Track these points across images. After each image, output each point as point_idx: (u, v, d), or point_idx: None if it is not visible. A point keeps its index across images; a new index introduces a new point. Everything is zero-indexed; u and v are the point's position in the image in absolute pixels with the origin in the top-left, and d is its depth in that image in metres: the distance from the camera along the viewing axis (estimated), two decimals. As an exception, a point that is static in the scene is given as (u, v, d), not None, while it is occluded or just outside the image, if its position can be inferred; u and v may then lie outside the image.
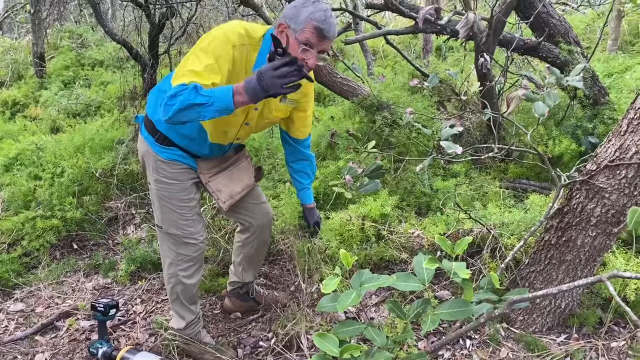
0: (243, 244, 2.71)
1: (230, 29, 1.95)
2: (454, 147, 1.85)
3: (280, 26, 1.94)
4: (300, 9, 1.90)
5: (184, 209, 2.30)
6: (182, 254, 2.36)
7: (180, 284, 2.40)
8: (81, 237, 3.70)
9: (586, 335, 2.50)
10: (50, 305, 3.09)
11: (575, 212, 2.12)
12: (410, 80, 2.39)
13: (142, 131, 2.30)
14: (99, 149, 4.14)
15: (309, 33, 1.89)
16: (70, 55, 7.16)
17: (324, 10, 1.90)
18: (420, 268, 1.67)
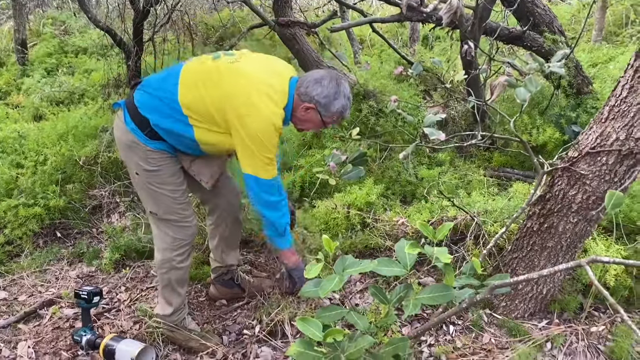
0: (216, 225, 2.75)
1: (273, 117, 2.11)
2: (437, 133, 1.86)
3: (307, 105, 2.18)
4: (332, 101, 2.17)
5: (176, 192, 2.34)
6: (178, 239, 2.39)
7: (175, 269, 2.43)
8: (65, 226, 3.66)
9: (567, 321, 2.54)
10: (33, 294, 3.06)
11: (557, 199, 2.15)
12: (395, 69, 2.40)
13: (127, 122, 2.26)
14: (83, 137, 4.09)
15: (335, 119, 2.24)
16: (53, 42, 7.04)
17: (348, 99, 2.22)
18: (403, 253, 1.69)
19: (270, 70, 2.22)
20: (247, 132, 2.09)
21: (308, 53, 4.03)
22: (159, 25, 5.73)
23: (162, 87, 2.23)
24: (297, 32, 3.94)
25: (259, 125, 2.08)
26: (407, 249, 1.60)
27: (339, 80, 2.21)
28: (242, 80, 2.13)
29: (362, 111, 4.03)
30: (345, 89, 2.21)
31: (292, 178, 3.53)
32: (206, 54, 2.33)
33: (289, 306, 2.79)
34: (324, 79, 2.17)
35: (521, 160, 3.85)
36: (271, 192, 2.20)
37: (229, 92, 2.11)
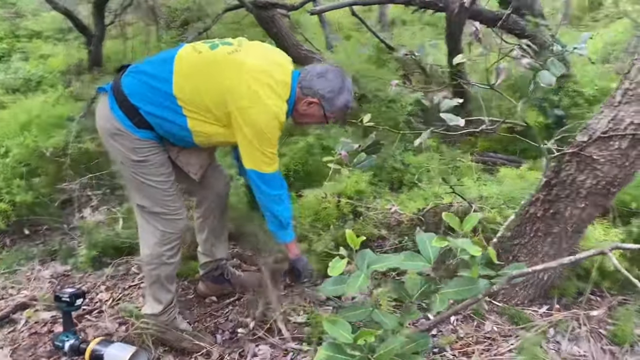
0: (204, 217, 2.63)
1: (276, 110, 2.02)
2: (455, 119, 1.78)
3: (310, 99, 2.11)
4: (336, 96, 2.11)
5: (166, 183, 2.21)
6: (168, 232, 2.26)
7: (164, 265, 2.30)
8: (33, 222, 3.43)
9: (566, 306, 2.53)
10: (4, 297, 2.85)
11: (565, 185, 2.11)
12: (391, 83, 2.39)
13: (113, 108, 2.09)
14: (47, 127, 3.82)
15: (338, 114, 2.19)
16: (3, 25, 6.60)
17: (350, 93, 2.18)
18: (425, 247, 1.60)
19: (271, 61, 2.11)
20: (249, 126, 2.00)
21: (287, 36, 3.90)
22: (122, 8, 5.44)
23: (155, 74, 2.09)
24: (275, 14, 3.79)
25: (262, 119, 2.00)
26: (434, 242, 1.52)
27: (343, 74, 2.16)
28: (244, 73, 2.01)
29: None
30: (348, 84, 2.17)
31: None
32: (202, 42, 2.19)
33: (283, 300, 2.70)
34: (328, 73, 2.11)
35: (504, 145, 3.84)
36: (274, 185, 2.14)
37: (230, 85, 2.00)
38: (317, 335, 2.38)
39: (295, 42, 3.92)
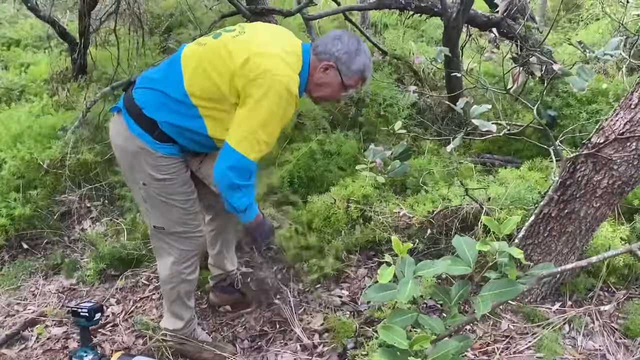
0: (218, 231, 2.59)
1: (288, 80, 1.91)
2: (487, 125, 1.82)
3: (326, 64, 2.00)
4: (353, 58, 2.00)
5: (188, 202, 2.16)
6: (187, 251, 2.22)
7: (184, 282, 2.27)
8: (32, 236, 3.35)
9: (578, 302, 2.61)
10: (10, 314, 2.78)
11: (580, 185, 2.18)
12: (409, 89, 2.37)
13: (131, 127, 2.03)
14: (41, 138, 3.75)
15: (355, 81, 2.07)
16: (-21, 34, 6.44)
17: (369, 58, 2.06)
18: (463, 250, 1.63)
19: (278, 34, 2.07)
20: (256, 98, 1.87)
21: (283, 43, 3.89)
22: (106, 15, 5.35)
23: (165, 78, 2.04)
24: (271, 20, 3.79)
25: (270, 89, 1.86)
26: (479, 246, 1.55)
27: (359, 38, 2.07)
28: (252, 47, 1.92)
29: (340, 101, 3.95)
30: (365, 48, 2.06)
31: (279, 173, 3.40)
32: (204, 36, 2.16)
33: (299, 306, 2.71)
34: (343, 36, 2.03)
35: (499, 146, 3.92)
36: (244, 175, 1.98)
37: (239, 62, 1.90)
38: (339, 340, 2.40)
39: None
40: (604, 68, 4.80)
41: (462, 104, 1.91)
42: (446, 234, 2.83)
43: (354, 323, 2.48)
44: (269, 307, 2.70)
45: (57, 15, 5.75)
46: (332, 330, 2.49)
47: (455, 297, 1.67)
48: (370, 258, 3.02)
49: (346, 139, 3.69)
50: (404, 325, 1.52)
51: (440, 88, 4.41)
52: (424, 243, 2.83)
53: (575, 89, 1.74)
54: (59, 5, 5.47)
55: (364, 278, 2.86)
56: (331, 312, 2.63)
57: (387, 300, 1.49)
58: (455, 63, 3.44)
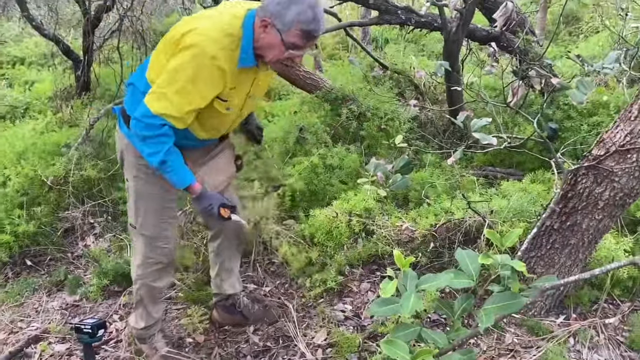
0: (216, 253, 2.59)
1: (211, 43, 1.83)
2: (488, 138, 1.83)
3: (263, 22, 1.83)
4: (286, 8, 1.78)
5: (164, 209, 2.20)
6: (149, 257, 2.26)
7: (146, 287, 2.32)
8: (35, 252, 3.36)
9: (582, 315, 2.60)
10: (14, 331, 2.78)
11: (582, 197, 2.18)
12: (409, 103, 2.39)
13: (121, 127, 2.15)
14: (44, 155, 3.77)
15: (297, 37, 1.81)
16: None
17: (312, 7, 1.79)
18: (466, 264, 1.63)
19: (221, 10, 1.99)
20: (172, 57, 1.86)
21: (285, 58, 3.92)
22: (109, 32, 5.41)
23: (138, 73, 2.11)
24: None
25: (187, 48, 1.82)
26: (481, 259, 1.55)
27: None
28: (194, 20, 1.92)
29: (342, 115, 3.97)
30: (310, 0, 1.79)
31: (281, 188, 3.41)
32: None
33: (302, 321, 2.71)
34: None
35: (501, 159, 3.93)
36: (149, 129, 1.90)
37: (178, 36, 1.89)
38: (342, 355, 2.39)
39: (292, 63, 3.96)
40: (605, 80, 4.81)
41: (462, 117, 1.93)
42: (449, 247, 2.83)
43: (358, 338, 2.47)
44: (272, 324, 2.69)
45: (61, 33, 5.81)
46: (335, 345, 2.48)
47: (458, 311, 1.66)
48: (373, 272, 3.02)
49: (348, 153, 3.71)
50: (407, 339, 1.52)
51: (442, 102, 4.44)
52: (427, 256, 2.83)
53: (575, 102, 1.76)
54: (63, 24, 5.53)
55: (367, 292, 2.86)
56: (334, 326, 2.62)
57: (390, 315, 1.48)
58: (456, 77, 3.46)
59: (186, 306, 2.81)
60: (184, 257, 3.02)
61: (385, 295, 1.48)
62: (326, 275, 2.84)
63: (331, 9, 4.35)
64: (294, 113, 4.24)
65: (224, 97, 1.99)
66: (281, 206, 3.37)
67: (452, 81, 3.44)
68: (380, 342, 1.43)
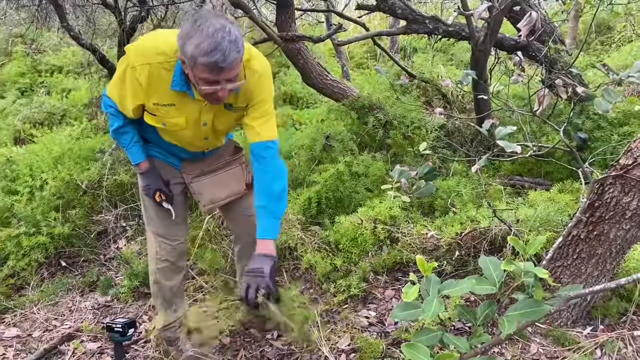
0: (238, 257, 2.63)
1: (138, 55, 1.85)
2: (512, 146, 1.84)
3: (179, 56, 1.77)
4: (185, 41, 1.65)
5: (161, 209, 2.25)
6: (159, 253, 2.33)
7: (157, 284, 2.38)
8: (69, 254, 3.48)
9: (610, 326, 2.56)
10: (48, 329, 2.88)
11: (609, 206, 2.17)
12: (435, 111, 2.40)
13: None
14: (80, 160, 3.91)
15: (203, 71, 1.68)
16: (25, 61, 6.76)
17: (210, 36, 1.62)
18: (489, 271, 1.65)
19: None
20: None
21: (312, 67, 3.99)
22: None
23: None
24: (302, 46, 3.90)
25: (123, 58, 1.92)
26: (503, 266, 1.57)
27: (206, 18, 1.65)
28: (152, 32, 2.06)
29: (368, 124, 4.01)
30: (209, 27, 1.62)
31: (307, 194, 3.45)
32: None
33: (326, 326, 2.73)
34: (190, 18, 1.70)
35: (529, 168, 3.90)
36: (104, 107, 2.07)
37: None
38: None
39: (321, 72, 4.02)
40: (638, 90, 4.74)
41: (487, 125, 1.94)
42: (474, 255, 2.83)
43: (381, 344, 2.49)
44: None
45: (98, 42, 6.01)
46: (359, 350, 2.50)
47: (481, 317, 1.68)
48: (397, 279, 3.03)
49: (374, 160, 3.74)
50: (428, 343, 1.54)
51: (469, 110, 4.44)
52: (452, 265, 2.83)
53: (600, 110, 1.75)
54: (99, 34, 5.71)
55: (391, 299, 2.87)
56: (358, 332, 2.65)
57: (412, 318, 1.51)
58: (483, 86, 3.46)
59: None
60: (211, 260, 3.09)
61: (408, 299, 1.50)
62: (350, 281, 2.87)
63: (359, 19, 4.40)
64: (321, 121, 4.30)
65: (151, 111, 1.97)
66: (307, 212, 3.42)
67: (480, 90, 3.45)
68: (402, 346, 1.45)
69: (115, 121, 2.08)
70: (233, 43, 1.64)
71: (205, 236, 3.26)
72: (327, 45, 7.87)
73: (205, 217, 3.25)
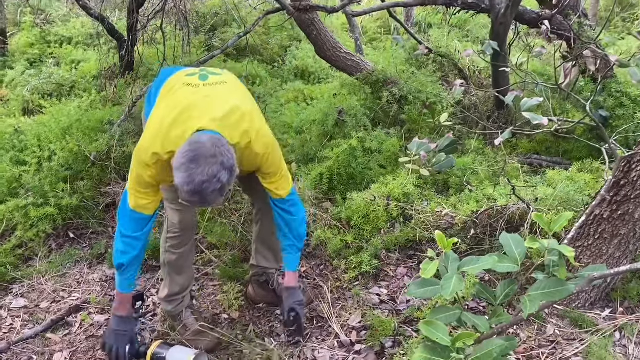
0: (255, 221, 2.65)
1: (145, 151, 1.98)
2: (539, 118, 1.75)
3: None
4: (176, 170, 1.80)
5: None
6: (171, 221, 2.34)
7: (168, 253, 2.40)
8: (77, 225, 3.44)
9: (629, 309, 2.48)
10: (56, 300, 2.85)
11: (636, 185, 2.08)
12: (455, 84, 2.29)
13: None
14: (88, 131, 3.84)
15: (186, 199, 1.83)
16: (34, 32, 6.66)
17: (196, 185, 1.75)
18: (511, 248, 1.57)
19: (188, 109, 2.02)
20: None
21: (326, 39, 3.88)
22: (153, 13, 5.46)
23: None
24: (315, 17, 3.78)
25: (134, 155, 2.05)
26: (528, 243, 1.49)
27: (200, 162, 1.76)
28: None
29: (383, 99, 3.91)
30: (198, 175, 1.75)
31: (319, 170, 3.38)
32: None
33: (337, 303, 2.68)
34: (192, 144, 1.82)
35: (547, 147, 3.80)
36: (123, 222, 2.14)
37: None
38: (377, 338, 2.36)
39: (335, 44, 3.91)
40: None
41: (511, 97, 1.85)
42: (490, 234, 2.75)
43: (393, 322, 2.43)
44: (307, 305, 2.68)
45: (107, 13, 5.91)
46: (370, 328, 2.45)
47: (501, 296, 1.61)
48: (410, 257, 2.97)
49: (387, 136, 3.65)
50: (447, 321, 1.48)
51: (486, 86, 4.32)
52: (467, 243, 2.76)
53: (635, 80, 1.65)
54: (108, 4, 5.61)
55: (404, 277, 2.81)
56: (369, 309, 2.59)
57: (430, 296, 1.44)
58: (503, 58, 3.34)
59: (222, 283, 2.82)
60: (221, 234, 3.04)
61: (426, 276, 1.43)
62: (362, 258, 2.81)
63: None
64: (333, 96, 4.19)
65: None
66: (318, 188, 3.35)
67: (499, 63, 3.32)
68: (420, 323, 1.39)
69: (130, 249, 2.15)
70: (217, 191, 1.79)
71: (214, 210, 3.21)
72: (340, 20, 7.72)
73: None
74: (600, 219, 2.26)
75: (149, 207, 2.09)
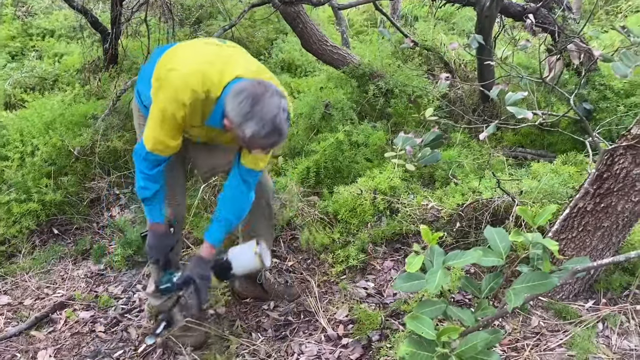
0: (246, 222, 2.54)
1: (183, 87, 1.88)
2: (523, 112, 1.76)
3: (227, 120, 1.84)
4: (243, 122, 1.76)
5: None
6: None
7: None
8: (61, 221, 3.40)
9: (612, 300, 2.52)
10: (40, 297, 2.83)
11: (618, 178, 2.10)
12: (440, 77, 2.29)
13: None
14: (72, 125, 3.79)
15: (258, 149, 1.84)
16: (15, 24, 6.55)
17: (269, 122, 1.73)
18: (495, 242, 1.58)
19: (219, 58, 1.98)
20: (156, 99, 1.98)
21: (312, 32, 3.86)
22: (137, 5, 5.39)
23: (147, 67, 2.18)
24: (301, 10, 3.76)
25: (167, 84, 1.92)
26: (512, 237, 1.50)
27: (259, 96, 1.75)
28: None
29: (369, 92, 3.90)
30: (263, 111, 1.73)
31: (306, 164, 3.37)
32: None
33: (324, 297, 2.69)
34: (243, 92, 1.78)
35: (532, 139, 3.82)
36: (139, 163, 2.10)
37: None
38: (364, 332, 2.37)
39: (321, 37, 3.89)
40: None
41: (496, 91, 1.85)
42: (476, 227, 2.77)
43: (380, 315, 2.44)
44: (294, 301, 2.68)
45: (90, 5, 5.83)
46: (357, 321, 2.46)
47: (486, 289, 1.62)
48: (396, 250, 2.98)
49: (374, 130, 3.65)
50: (432, 315, 1.49)
51: (472, 80, 4.33)
52: (453, 236, 2.78)
53: (618, 75, 1.66)
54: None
55: (390, 270, 2.82)
56: (356, 303, 2.60)
57: (415, 290, 1.45)
58: (488, 52, 3.35)
59: (208, 278, 2.81)
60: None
61: (411, 270, 1.44)
62: (349, 252, 2.81)
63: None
64: (319, 89, 4.17)
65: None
66: (305, 182, 3.34)
67: (485, 56, 3.33)
68: (405, 317, 1.39)
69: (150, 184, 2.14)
70: (287, 119, 1.78)
71: (200, 205, 3.19)
72: (326, 13, 7.68)
73: (201, 185, 3.17)
74: (584, 212, 2.28)
75: (166, 151, 2.03)
